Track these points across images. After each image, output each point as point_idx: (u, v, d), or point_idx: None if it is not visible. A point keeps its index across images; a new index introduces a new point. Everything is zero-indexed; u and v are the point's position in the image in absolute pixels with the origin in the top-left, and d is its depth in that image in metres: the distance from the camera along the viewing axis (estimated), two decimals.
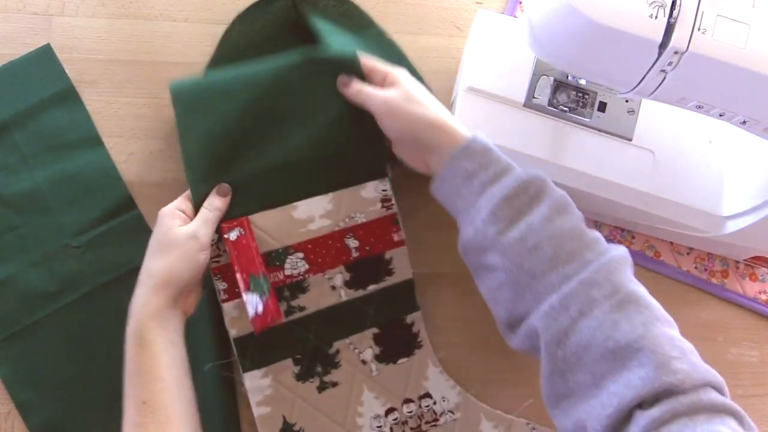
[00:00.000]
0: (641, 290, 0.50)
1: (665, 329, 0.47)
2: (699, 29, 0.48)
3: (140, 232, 0.67)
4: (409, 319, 0.67)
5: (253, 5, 0.70)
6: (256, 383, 0.63)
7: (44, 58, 0.70)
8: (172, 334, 0.55)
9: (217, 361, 0.64)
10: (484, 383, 0.68)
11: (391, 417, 0.65)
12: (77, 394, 0.63)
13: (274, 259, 0.63)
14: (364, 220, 0.65)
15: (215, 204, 0.61)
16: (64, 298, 0.65)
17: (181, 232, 0.58)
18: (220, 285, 0.62)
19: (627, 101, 0.67)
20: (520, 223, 0.52)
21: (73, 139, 0.68)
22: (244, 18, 0.70)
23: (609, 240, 0.72)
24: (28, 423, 0.63)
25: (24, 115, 0.68)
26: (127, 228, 0.67)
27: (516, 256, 0.52)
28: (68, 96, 0.69)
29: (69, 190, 0.67)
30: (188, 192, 0.61)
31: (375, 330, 0.66)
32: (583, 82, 0.67)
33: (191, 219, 0.60)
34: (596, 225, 0.72)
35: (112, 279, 0.66)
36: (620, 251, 0.52)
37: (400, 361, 0.66)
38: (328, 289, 0.64)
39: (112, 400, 0.62)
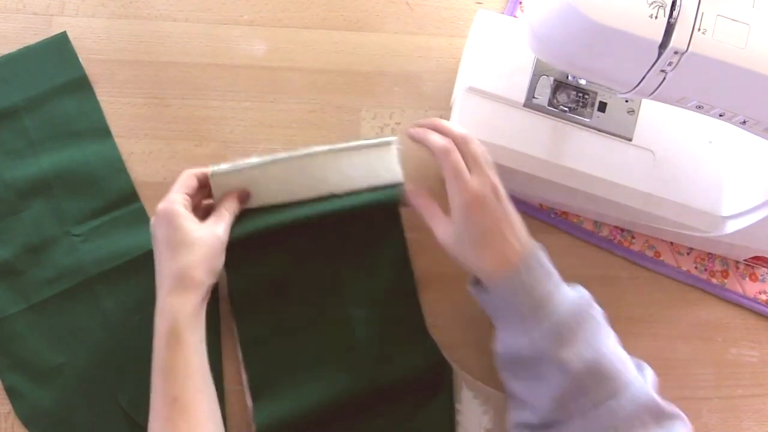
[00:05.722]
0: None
1: None
2: (699, 29, 0.48)
3: (141, 224, 0.67)
4: None
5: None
6: None
7: (60, 45, 0.70)
8: (202, 332, 0.57)
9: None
10: (484, 383, 0.68)
11: None
12: (67, 382, 0.63)
13: None
14: None
15: (234, 206, 0.62)
16: (60, 285, 0.65)
17: (203, 231, 0.58)
18: None
19: (627, 101, 0.67)
20: (577, 344, 0.54)
21: (82, 129, 0.69)
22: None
23: (609, 240, 0.72)
24: (16, 408, 0.62)
25: (35, 100, 0.68)
26: (128, 220, 0.67)
27: (573, 375, 0.53)
28: (81, 85, 0.70)
29: (74, 179, 0.67)
30: (182, 182, 0.61)
31: None
32: (583, 82, 0.67)
33: (191, 210, 0.60)
34: (596, 225, 0.72)
35: (109, 270, 0.65)
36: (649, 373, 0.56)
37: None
38: None
39: (102, 390, 0.62)
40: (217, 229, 0.59)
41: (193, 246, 0.57)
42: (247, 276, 0.65)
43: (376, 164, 0.66)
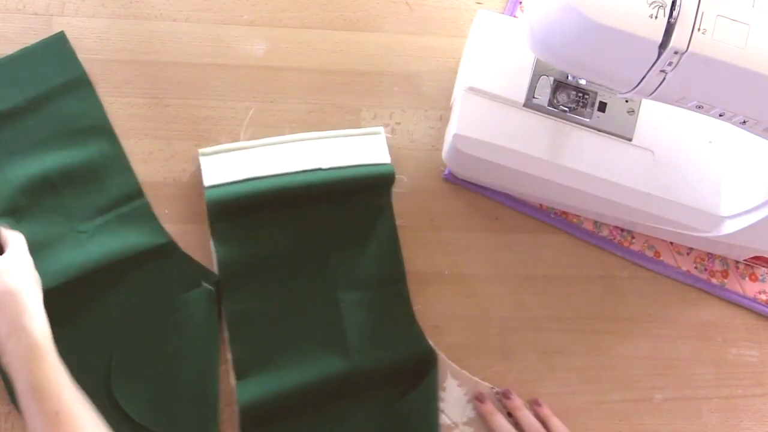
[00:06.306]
0: None
1: None
2: (699, 29, 0.48)
3: (146, 221, 0.67)
4: None
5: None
6: None
7: (58, 45, 0.70)
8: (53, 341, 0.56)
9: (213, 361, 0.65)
10: (470, 373, 0.68)
11: None
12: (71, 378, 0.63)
13: None
14: None
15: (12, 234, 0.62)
16: (66, 282, 0.64)
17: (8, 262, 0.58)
18: None
19: (627, 101, 0.67)
20: None
21: (85, 127, 0.69)
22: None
23: (609, 240, 0.72)
24: (17, 408, 0.62)
25: (36, 101, 0.68)
26: (133, 216, 0.67)
27: None
28: (81, 84, 0.70)
29: (78, 177, 0.67)
30: None
31: None
32: (583, 82, 0.67)
33: None
34: (596, 225, 0.72)
35: (115, 266, 0.65)
36: None
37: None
38: None
39: (102, 389, 0.62)
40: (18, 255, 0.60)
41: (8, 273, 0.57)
42: (234, 250, 0.66)
43: (363, 146, 0.70)
